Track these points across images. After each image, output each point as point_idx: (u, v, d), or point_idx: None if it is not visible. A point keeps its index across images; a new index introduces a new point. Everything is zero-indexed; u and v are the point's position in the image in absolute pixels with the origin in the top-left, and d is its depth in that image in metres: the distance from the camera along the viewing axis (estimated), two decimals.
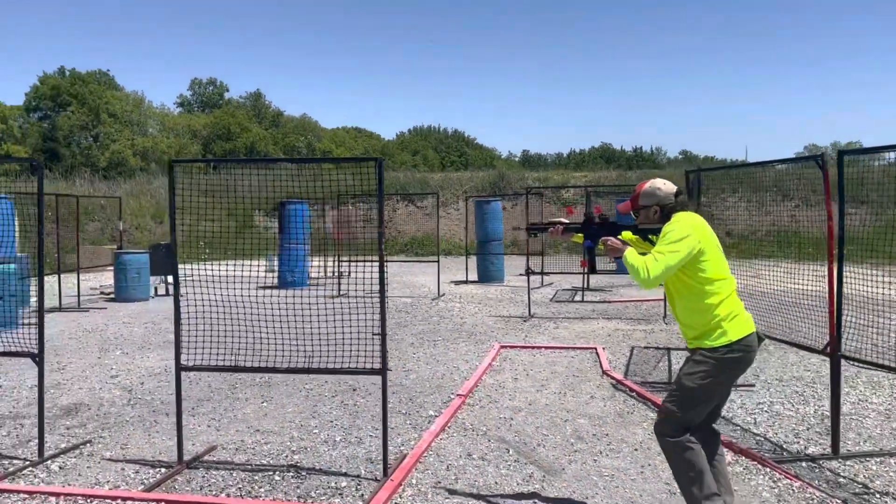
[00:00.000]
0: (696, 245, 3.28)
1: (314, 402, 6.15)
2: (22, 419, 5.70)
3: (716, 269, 3.34)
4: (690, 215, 3.44)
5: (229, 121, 51.84)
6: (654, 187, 3.55)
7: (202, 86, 62.25)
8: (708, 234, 3.38)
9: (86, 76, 47.33)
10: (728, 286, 3.37)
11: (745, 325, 3.33)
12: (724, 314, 3.30)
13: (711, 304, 3.31)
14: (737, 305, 3.37)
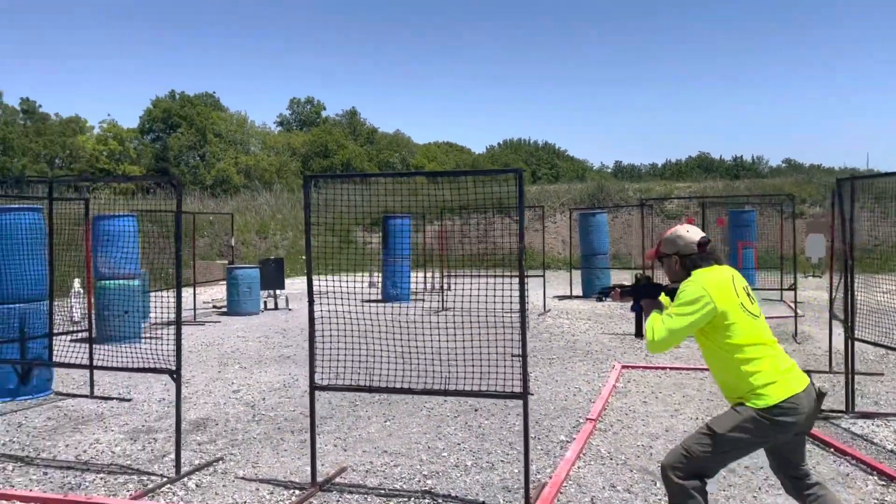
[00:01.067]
0: (710, 308, 3.00)
1: (437, 422, 5.97)
2: (154, 433, 5.78)
3: (744, 333, 3.02)
4: (713, 270, 3.15)
5: (326, 138, 53.25)
6: (675, 235, 3.28)
7: (300, 105, 64.33)
8: (729, 295, 3.05)
9: (194, 98, 49.75)
10: (763, 350, 3.03)
11: (788, 386, 2.97)
12: (761, 381, 2.97)
13: (746, 371, 3.00)
14: (776, 368, 3.01)
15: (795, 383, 3.00)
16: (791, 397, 2.95)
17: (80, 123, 43.03)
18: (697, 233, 3.24)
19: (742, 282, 3.19)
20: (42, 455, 5.22)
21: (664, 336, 3.04)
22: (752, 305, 3.12)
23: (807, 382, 3.04)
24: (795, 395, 2.96)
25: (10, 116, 41.32)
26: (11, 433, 5.80)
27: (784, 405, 2.93)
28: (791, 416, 2.94)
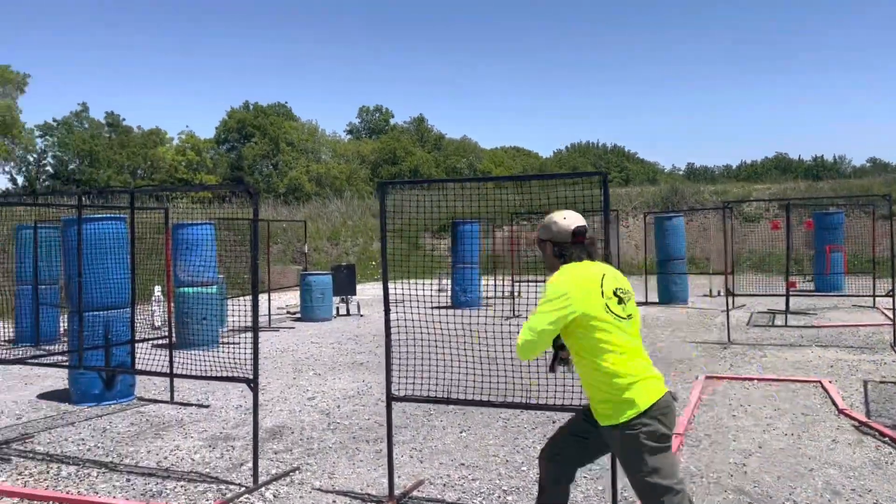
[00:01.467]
0: (570, 307, 2.81)
1: (514, 434, 5.79)
2: (232, 441, 5.81)
3: (604, 337, 2.83)
4: (581, 266, 2.95)
5: (395, 145, 53.75)
6: (550, 220, 3.08)
7: (369, 113, 65.19)
8: (592, 295, 2.85)
9: (267, 109, 51.00)
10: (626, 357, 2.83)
11: (651, 394, 2.82)
12: (625, 385, 2.80)
13: (607, 375, 2.83)
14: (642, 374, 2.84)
15: (658, 389, 2.85)
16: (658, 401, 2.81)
17: (160, 135, 44.71)
18: (575, 221, 3.03)
19: (616, 282, 2.96)
20: (125, 461, 5.29)
21: (526, 338, 2.81)
22: (622, 308, 2.90)
23: (663, 391, 2.89)
24: (659, 400, 2.82)
25: (96, 130, 43.27)
26: (97, 438, 5.92)
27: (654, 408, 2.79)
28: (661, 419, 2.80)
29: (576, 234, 3.01)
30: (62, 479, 4.91)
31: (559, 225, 3.04)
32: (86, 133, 42.62)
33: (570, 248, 3.01)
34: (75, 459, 5.34)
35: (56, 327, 11.52)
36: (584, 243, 3.03)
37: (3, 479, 4.91)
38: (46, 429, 6.28)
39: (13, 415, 6.83)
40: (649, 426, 2.77)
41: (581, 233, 3.02)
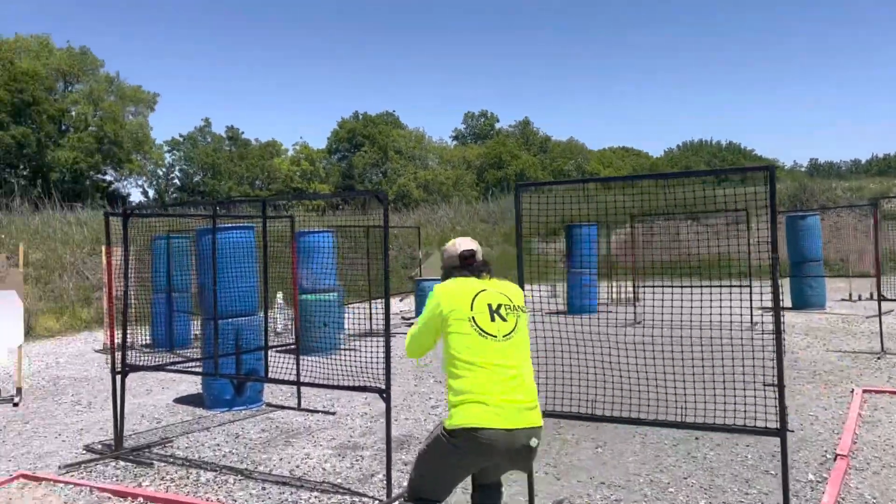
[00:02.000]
0: (438, 311, 2.98)
1: (654, 451, 5.41)
2: (361, 450, 5.75)
3: (461, 346, 2.89)
4: (461, 280, 3.10)
5: (500, 150, 53.58)
6: (444, 247, 3.31)
7: (474, 118, 65.37)
8: (460, 304, 2.96)
9: (375, 118, 52.15)
10: (476, 370, 2.85)
11: (479, 417, 2.78)
12: (456, 399, 2.86)
13: (451, 384, 2.90)
14: (480, 391, 2.82)
15: (495, 417, 2.78)
16: (480, 429, 2.76)
17: (276, 147, 46.61)
18: (463, 245, 3.23)
19: (496, 298, 3.03)
20: (259, 468, 5.33)
21: (408, 341, 3.14)
22: (493, 325, 2.94)
23: (520, 425, 2.81)
24: (487, 430, 2.76)
25: (218, 144, 45.61)
26: (231, 444, 6.02)
27: (468, 433, 2.78)
28: (472, 448, 2.79)
29: (462, 258, 3.19)
30: (201, 485, 4.98)
31: (449, 251, 3.26)
32: (209, 147, 45.02)
33: (459, 270, 3.18)
34: (212, 465, 5.42)
35: (189, 333, 12.02)
36: (473, 265, 3.18)
37: (148, 483, 5.04)
38: (184, 433, 6.46)
39: (153, 418, 7.09)
40: (456, 442, 2.82)
41: (467, 256, 3.18)
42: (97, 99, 38.13)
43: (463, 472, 2.97)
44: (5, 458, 5.83)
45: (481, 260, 3.23)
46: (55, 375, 9.76)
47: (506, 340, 2.93)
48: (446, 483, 3.00)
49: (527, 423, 2.84)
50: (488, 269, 3.21)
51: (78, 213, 20.56)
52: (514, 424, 2.80)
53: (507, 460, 2.89)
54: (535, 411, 2.92)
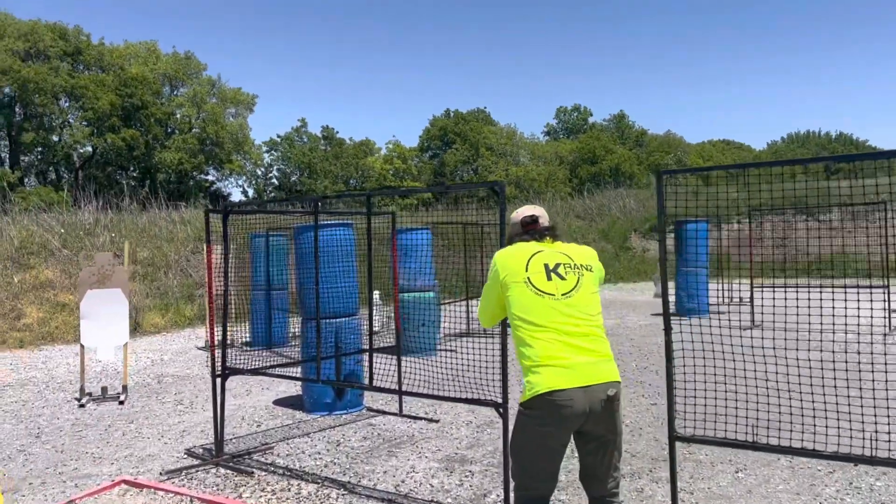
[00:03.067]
0: (496, 278, 2.97)
1: (807, 479, 4.72)
2: (469, 464, 5.31)
3: (521, 307, 2.85)
4: (519, 245, 3.04)
5: (594, 144, 52.23)
6: (508, 217, 3.29)
7: (567, 113, 64.12)
8: (516, 267, 2.93)
9: (467, 115, 51.84)
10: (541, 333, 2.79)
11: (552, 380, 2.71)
12: (527, 364, 2.80)
13: (520, 350, 2.85)
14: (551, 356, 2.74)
15: (567, 377, 2.71)
16: (554, 391, 2.69)
17: (369, 145, 47.06)
18: (524, 211, 3.13)
19: (553, 258, 2.96)
20: (363, 482, 4.98)
21: (479, 310, 3.12)
22: (550, 284, 2.87)
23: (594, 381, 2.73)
24: (562, 391, 2.69)
25: (314, 143, 46.48)
26: (332, 453, 5.72)
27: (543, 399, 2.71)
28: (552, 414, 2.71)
29: (523, 224, 3.10)
30: (303, 499, 4.67)
31: (512, 219, 3.17)
32: (305, 147, 45.95)
33: (520, 237, 3.10)
34: (314, 476, 5.11)
35: (286, 331, 11.97)
36: (534, 230, 3.08)
37: (248, 494, 4.78)
38: (284, 439, 6.21)
39: (253, 421, 6.90)
40: (535, 413, 2.74)
41: (528, 222, 3.09)
42: (200, 101, 39.53)
43: (556, 448, 2.82)
44: (108, 460, 5.74)
45: (545, 225, 3.12)
46: (160, 373, 9.83)
47: (565, 298, 2.86)
48: (546, 466, 2.85)
49: (602, 377, 2.77)
50: (553, 234, 3.11)
51: (182, 211, 21.16)
52: (589, 381, 2.73)
53: (594, 422, 2.78)
54: (610, 365, 2.84)
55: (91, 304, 8.08)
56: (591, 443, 2.88)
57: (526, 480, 2.87)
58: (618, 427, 2.87)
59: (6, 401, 8.18)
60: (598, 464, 2.91)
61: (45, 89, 34.56)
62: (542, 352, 2.76)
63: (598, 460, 2.90)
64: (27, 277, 14.97)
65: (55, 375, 9.83)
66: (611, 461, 2.92)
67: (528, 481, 2.87)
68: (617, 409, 2.83)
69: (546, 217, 3.16)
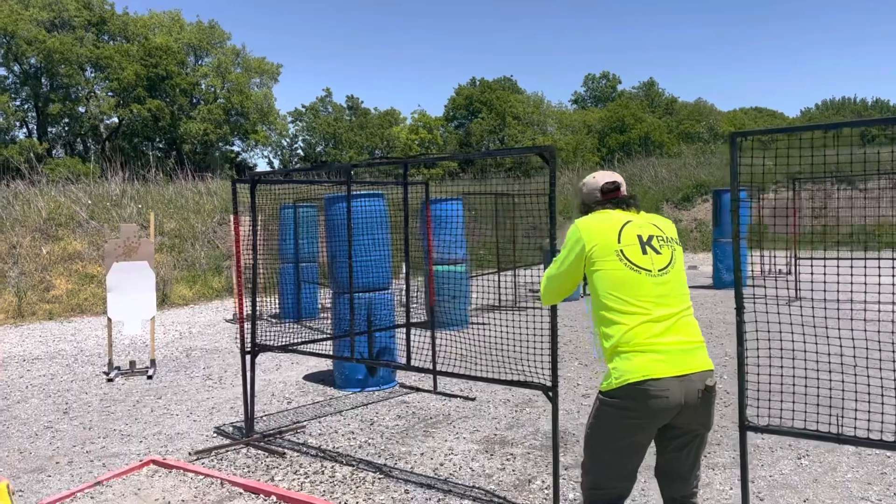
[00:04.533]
0: (580, 248, 2.59)
1: (875, 465, 4.38)
2: (510, 446, 5.05)
3: (612, 283, 2.51)
4: (604, 212, 2.69)
5: (623, 113, 51.24)
6: (583, 182, 2.88)
7: (595, 80, 62.90)
8: (606, 237, 2.57)
9: (493, 84, 51.00)
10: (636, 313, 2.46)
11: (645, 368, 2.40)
12: (613, 348, 2.48)
13: (606, 333, 2.52)
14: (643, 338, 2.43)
15: (663, 365, 2.42)
16: (648, 380, 2.40)
17: (394, 115, 46.57)
18: (604, 177, 2.80)
19: (646, 229, 2.64)
20: (399, 464, 4.74)
21: (544, 284, 2.79)
22: (645, 258, 2.56)
23: (692, 369, 2.46)
24: (657, 380, 2.40)
25: (339, 113, 46.10)
26: (366, 432, 5.49)
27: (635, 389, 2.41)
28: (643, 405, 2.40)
29: (604, 192, 2.79)
30: (337, 482, 4.45)
31: (589, 185, 2.86)
32: (329, 117, 45.59)
33: (601, 205, 2.78)
34: (348, 458, 4.89)
35: (316, 304, 11.79)
36: (618, 197, 2.77)
37: (280, 477, 4.57)
38: (315, 417, 6.00)
39: (283, 398, 6.71)
40: (621, 403, 2.45)
41: (610, 189, 2.78)
42: (225, 71, 39.26)
43: (643, 443, 2.52)
44: (137, 437, 5.57)
45: (627, 193, 2.81)
46: (188, 346, 9.70)
47: (662, 275, 2.56)
48: (627, 464, 2.54)
49: (699, 366, 2.49)
50: (636, 203, 2.78)
51: (208, 182, 21.02)
52: (686, 369, 2.45)
53: (688, 414, 2.48)
54: (704, 352, 2.57)
55: (117, 276, 7.91)
56: (679, 437, 2.57)
57: (602, 479, 2.57)
58: (712, 420, 2.58)
59: (34, 374, 8.09)
60: (685, 460, 2.61)
61: (71, 60, 34.50)
62: (635, 335, 2.46)
63: (683, 456, 2.60)
64: (55, 249, 14.94)
65: (84, 348, 9.74)
66: (697, 458, 2.63)
67: (604, 480, 2.57)
68: (714, 401, 2.54)
69: (624, 184, 2.84)
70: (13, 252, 14.42)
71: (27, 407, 6.64)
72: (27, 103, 37.02)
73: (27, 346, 9.95)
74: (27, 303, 12.89)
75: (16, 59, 35.11)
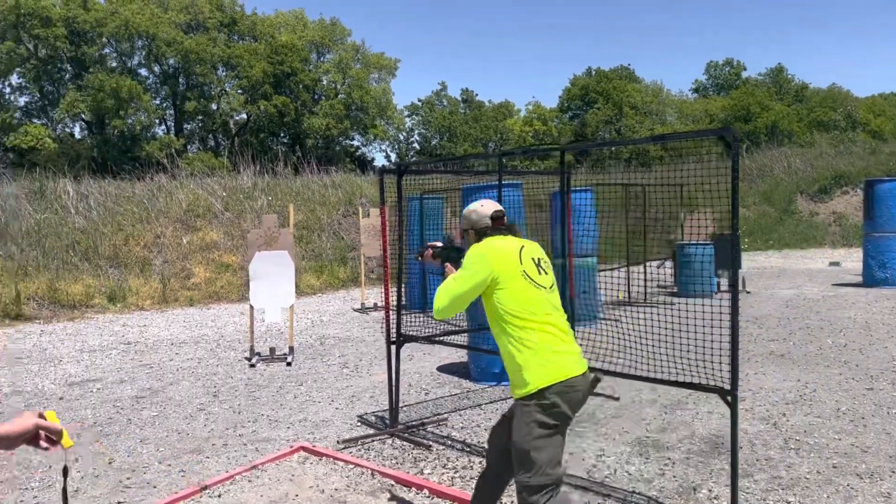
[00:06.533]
0: (487, 271, 2.91)
1: None
2: (665, 450, 4.77)
3: (515, 302, 2.87)
4: (500, 238, 3.06)
5: (748, 101, 48.70)
6: (469, 210, 3.24)
7: (718, 68, 60.12)
8: (509, 261, 2.94)
9: (609, 73, 49.73)
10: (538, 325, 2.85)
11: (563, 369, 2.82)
12: (531, 356, 2.82)
13: (520, 342, 2.86)
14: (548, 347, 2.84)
15: (573, 365, 2.86)
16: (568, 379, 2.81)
17: (508, 107, 46.32)
18: (491, 207, 3.17)
19: (535, 253, 3.07)
20: None
21: (445, 304, 2.98)
22: (541, 277, 2.98)
23: (585, 369, 2.92)
24: (573, 378, 2.83)
25: (454, 106, 46.35)
26: None
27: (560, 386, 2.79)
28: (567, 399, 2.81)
29: (493, 219, 3.13)
30: None
31: (479, 212, 3.17)
32: (445, 110, 45.92)
33: (493, 230, 3.11)
34: None
35: None
36: (504, 226, 3.14)
37: (429, 471, 4.51)
38: (455, 409, 5.94)
39: (420, 388, 6.70)
40: (548, 401, 2.78)
41: (498, 216, 3.14)
42: (345, 67, 40.33)
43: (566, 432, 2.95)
44: (284, 423, 5.70)
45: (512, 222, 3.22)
46: (321, 334, 9.93)
47: (552, 291, 3.01)
48: (561, 451, 2.90)
49: (585, 366, 2.94)
50: (518, 229, 3.19)
51: (332, 175, 21.60)
52: (583, 369, 2.91)
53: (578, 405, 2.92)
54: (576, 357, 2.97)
55: (259, 265, 8.17)
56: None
57: (547, 468, 2.83)
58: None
59: (183, 358, 8.50)
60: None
61: (205, 59, 36.47)
62: (548, 343, 2.85)
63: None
64: (194, 239, 15.77)
65: (224, 334, 10.18)
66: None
67: (549, 469, 2.83)
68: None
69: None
70: (158, 241, 15.34)
71: (180, 389, 6.96)
72: (166, 102, 39.49)
73: (173, 331, 10.51)
74: (170, 289, 13.65)
75: (156, 60, 37.52)
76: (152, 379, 7.41)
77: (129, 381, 7.36)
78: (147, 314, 12.26)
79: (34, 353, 8.92)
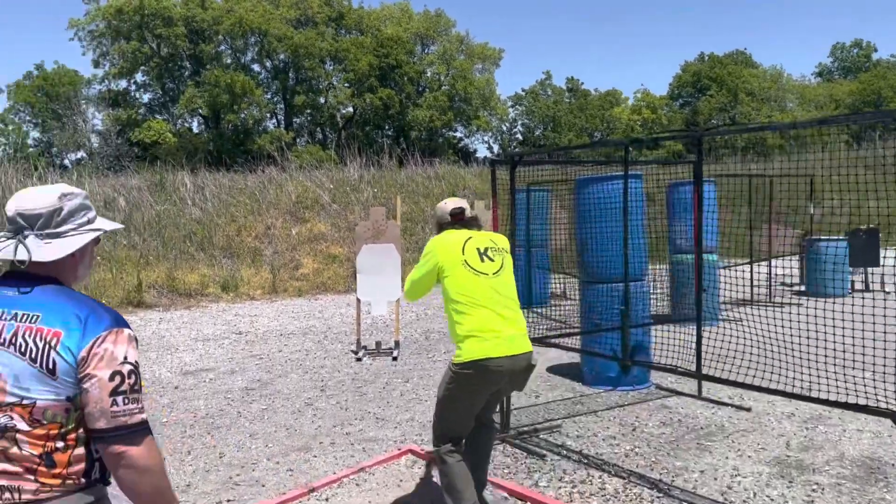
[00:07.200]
0: (434, 261, 3.39)
1: None
2: (809, 473, 4.25)
3: (459, 287, 3.31)
4: (452, 232, 3.52)
5: (879, 84, 45.22)
6: (437, 208, 3.72)
7: (845, 50, 56.19)
8: (453, 252, 3.38)
9: (724, 58, 47.39)
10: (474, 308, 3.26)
11: (486, 349, 3.19)
12: (463, 334, 3.25)
13: (455, 321, 3.31)
14: (481, 327, 3.23)
15: (498, 347, 3.18)
16: (487, 359, 3.15)
17: (616, 96, 44.97)
18: (452, 204, 3.62)
19: (482, 243, 3.44)
20: (676, 481, 4.17)
21: (407, 287, 3.59)
22: (484, 265, 3.35)
23: (519, 351, 3.24)
24: (494, 359, 3.16)
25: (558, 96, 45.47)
26: (630, 439, 4.96)
27: (479, 364, 3.15)
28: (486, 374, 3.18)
29: (452, 215, 3.60)
30: (610, 496, 3.98)
31: (442, 209, 3.67)
32: (549, 100, 45.12)
33: (450, 226, 3.61)
34: (615, 468, 4.41)
35: (546, 291, 11.44)
36: (462, 220, 3.59)
37: (545, 483, 4.20)
38: (569, 416, 5.59)
39: (530, 391, 6.38)
40: (466, 372, 3.19)
41: (457, 213, 3.59)
42: (449, 58, 40.31)
43: (479, 400, 3.33)
44: (391, 423, 5.54)
45: (470, 216, 3.60)
46: (426, 328, 9.79)
47: (495, 277, 3.34)
48: (467, 415, 3.36)
49: (523, 348, 3.27)
50: (477, 224, 3.60)
51: (436, 167, 21.54)
52: (514, 350, 3.22)
53: (510, 383, 3.35)
54: (527, 338, 3.35)
55: (367, 258, 8.09)
56: (497, 395, 3.48)
57: (450, 426, 3.35)
58: (523, 387, 3.47)
59: (291, 349, 8.55)
60: (492, 405, 3.57)
61: (314, 54, 37.35)
62: (479, 324, 3.21)
63: (493, 403, 3.55)
64: (303, 230, 16.06)
65: (331, 325, 10.21)
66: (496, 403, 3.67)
67: (452, 426, 3.35)
68: (531, 373, 3.39)
69: (468, 209, 3.61)
70: (268, 232, 15.72)
71: (288, 382, 6.96)
72: (276, 96, 40.77)
73: (282, 322, 10.66)
74: (280, 280, 13.93)
75: (268, 56, 38.77)
76: (262, 370, 7.46)
77: (240, 371, 7.44)
78: (257, 304, 12.54)
79: (153, 341, 9.24)
